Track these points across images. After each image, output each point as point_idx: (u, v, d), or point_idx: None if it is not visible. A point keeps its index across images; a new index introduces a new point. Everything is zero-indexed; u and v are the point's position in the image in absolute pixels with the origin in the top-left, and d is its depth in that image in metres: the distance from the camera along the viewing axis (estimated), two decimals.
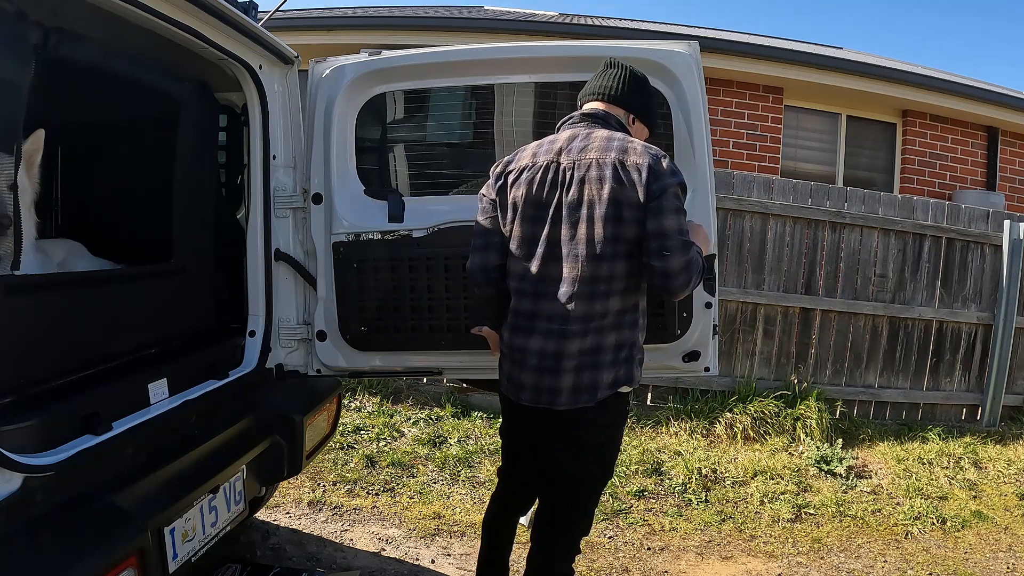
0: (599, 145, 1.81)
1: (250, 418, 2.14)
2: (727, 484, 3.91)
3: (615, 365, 1.82)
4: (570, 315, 1.78)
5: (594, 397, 1.80)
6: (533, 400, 1.85)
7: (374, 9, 8.29)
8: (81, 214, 2.45)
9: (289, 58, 2.30)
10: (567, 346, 1.79)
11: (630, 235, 1.76)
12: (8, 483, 1.32)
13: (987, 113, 7.07)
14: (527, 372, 1.84)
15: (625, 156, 1.77)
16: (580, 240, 1.78)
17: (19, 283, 1.55)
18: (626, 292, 1.81)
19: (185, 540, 1.71)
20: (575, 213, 1.79)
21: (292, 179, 2.36)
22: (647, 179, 1.73)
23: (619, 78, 1.94)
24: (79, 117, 2.26)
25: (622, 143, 1.80)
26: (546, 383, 1.82)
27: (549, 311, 1.82)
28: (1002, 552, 3.42)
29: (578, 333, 1.79)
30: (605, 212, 1.75)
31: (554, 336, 1.80)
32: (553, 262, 1.82)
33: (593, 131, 1.85)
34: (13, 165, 1.50)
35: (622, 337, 1.83)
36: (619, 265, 1.78)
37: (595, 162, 1.78)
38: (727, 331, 4.83)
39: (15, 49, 1.45)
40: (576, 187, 1.80)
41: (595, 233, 1.76)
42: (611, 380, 1.82)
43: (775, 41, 8.09)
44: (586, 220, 1.77)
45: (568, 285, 1.79)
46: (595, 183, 1.77)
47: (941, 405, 5.23)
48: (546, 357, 1.81)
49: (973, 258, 5.17)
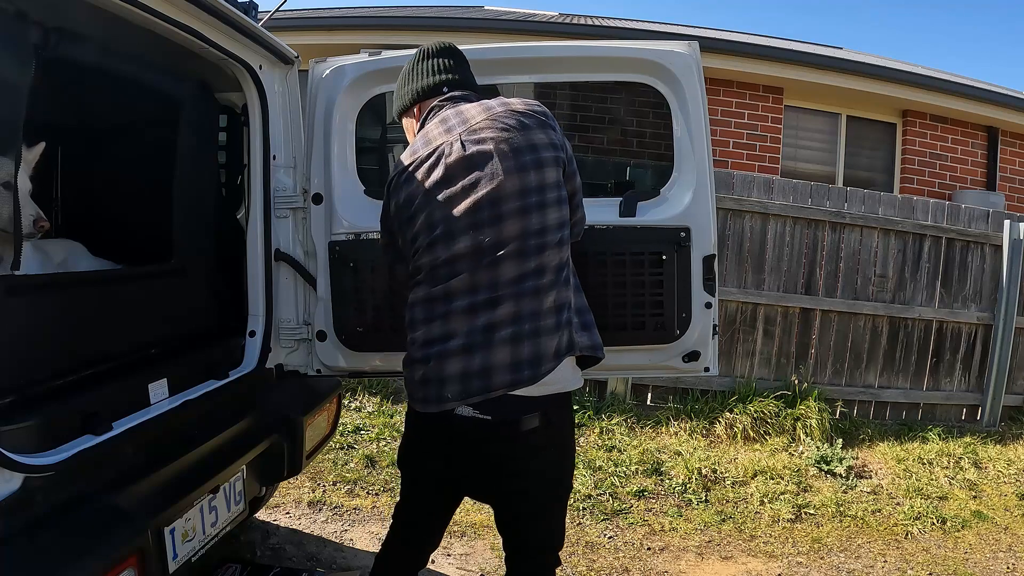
0: (479, 111, 1.65)
1: (250, 418, 2.14)
2: (727, 484, 3.91)
3: (558, 330, 1.59)
4: (499, 281, 1.57)
5: (537, 374, 1.55)
6: (460, 394, 1.56)
7: (374, 9, 8.30)
8: (81, 214, 2.45)
9: (289, 58, 2.30)
10: (498, 314, 1.56)
11: (553, 179, 1.61)
12: (8, 483, 1.32)
13: (987, 113, 7.07)
14: (450, 361, 1.57)
15: (516, 107, 1.65)
16: (504, 196, 1.58)
17: (19, 283, 1.55)
18: (560, 244, 1.62)
19: (185, 540, 1.71)
20: (491, 170, 1.59)
21: (292, 179, 2.36)
22: (554, 123, 1.66)
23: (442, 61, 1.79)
24: (79, 117, 2.27)
25: (502, 103, 1.68)
26: (475, 364, 1.55)
27: (471, 283, 1.60)
28: (1002, 552, 3.42)
29: (511, 296, 1.56)
30: (519, 161, 1.58)
31: (481, 306, 1.57)
32: (484, 228, 1.60)
33: (459, 105, 1.70)
34: (13, 166, 1.50)
35: (560, 296, 1.61)
36: (550, 214, 1.60)
37: (486, 122, 1.62)
38: (727, 331, 4.83)
39: (15, 49, 1.45)
40: (479, 147, 1.60)
41: (519, 186, 1.58)
42: (557, 348, 1.58)
43: (775, 41, 8.09)
44: (505, 175, 1.58)
45: None
46: (490, 138, 1.60)
47: (941, 405, 5.23)
48: (473, 334, 1.56)
49: (973, 258, 5.17)
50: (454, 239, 1.59)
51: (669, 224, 2.21)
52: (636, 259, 2.19)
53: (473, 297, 1.57)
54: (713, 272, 2.24)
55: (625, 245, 2.20)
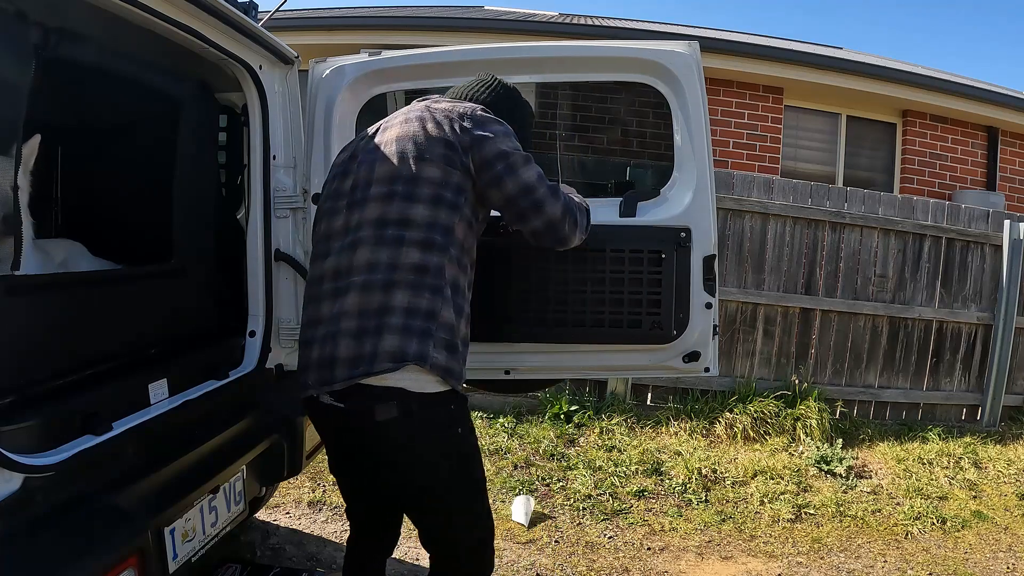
0: (408, 109, 1.70)
1: (250, 418, 2.14)
2: (727, 484, 3.91)
3: (406, 334, 1.48)
4: (353, 266, 1.53)
5: (372, 369, 1.46)
6: (316, 382, 1.54)
7: (374, 9, 8.29)
8: (81, 214, 2.45)
9: (289, 58, 2.30)
10: (347, 303, 1.52)
11: (434, 175, 1.55)
12: (8, 483, 1.32)
13: (987, 113, 7.07)
14: (313, 347, 1.56)
15: (433, 106, 1.65)
16: (375, 180, 1.59)
17: (19, 283, 1.55)
18: (426, 247, 1.52)
19: (185, 540, 1.71)
20: (372, 155, 1.61)
21: (292, 179, 2.36)
22: (465, 123, 1.59)
23: (474, 85, 1.86)
24: (79, 117, 2.26)
25: (430, 103, 1.68)
26: (324, 354, 1.52)
27: (335, 266, 1.58)
28: (1002, 552, 3.42)
29: (358, 286, 1.51)
30: (401, 149, 1.57)
31: (339, 294, 1.54)
32: (354, 208, 1.61)
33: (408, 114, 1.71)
34: (13, 166, 1.50)
35: (419, 300, 1.50)
36: (416, 209, 1.53)
37: (401, 117, 1.66)
38: (727, 331, 4.83)
39: (15, 50, 1.45)
40: (376, 138, 1.65)
41: (391, 171, 1.57)
42: (395, 349, 1.46)
43: (775, 41, 8.09)
44: (383, 160, 1.59)
45: (352, 233, 1.58)
46: (394, 129, 1.62)
47: (941, 405, 5.23)
48: (329, 322, 1.53)
49: (973, 258, 5.17)
50: (333, 216, 1.63)
51: (669, 224, 2.21)
52: (635, 259, 2.19)
53: (335, 282, 1.56)
54: (713, 272, 2.24)
55: (625, 245, 2.20)
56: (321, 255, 1.63)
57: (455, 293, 1.56)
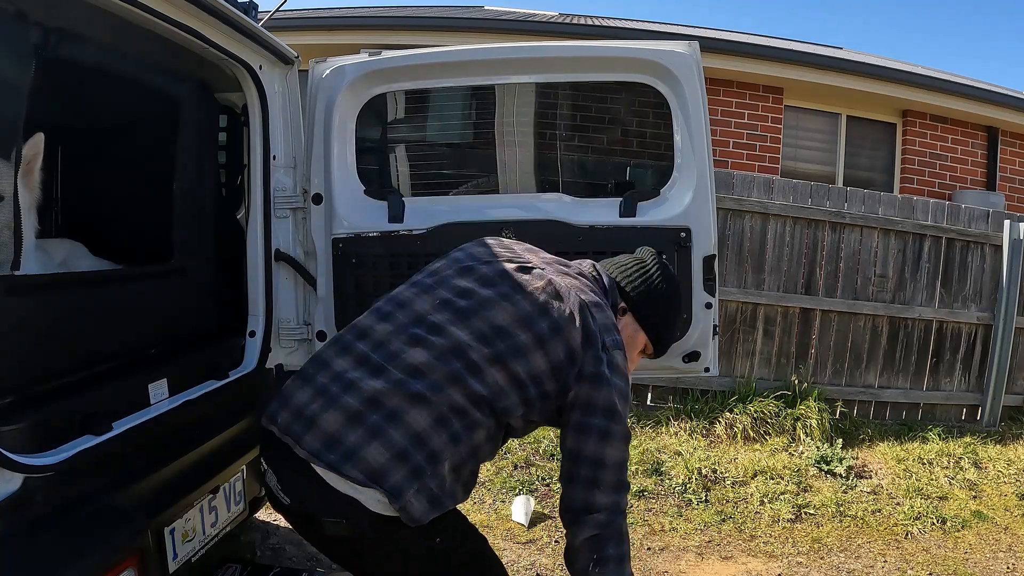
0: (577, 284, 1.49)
1: (250, 418, 2.14)
2: (727, 484, 3.91)
3: (398, 459, 1.27)
4: (402, 354, 1.36)
5: (338, 466, 1.26)
6: (285, 427, 1.35)
7: (374, 9, 8.29)
8: (82, 214, 2.45)
9: (289, 58, 2.30)
10: (367, 383, 1.33)
11: (537, 369, 1.37)
12: (8, 483, 1.32)
13: (987, 113, 7.07)
14: (305, 389, 1.39)
15: (594, 308, 1.44)
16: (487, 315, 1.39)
17: (19, 283, 1.55)
18: (477, 402, 1.34)
19: (185, 540, 1.71)
20: (511, 292, 1.43)
21: (292, 179, 2.36)
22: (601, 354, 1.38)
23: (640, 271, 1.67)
24: (79, 117, 2.26)
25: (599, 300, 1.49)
26: (310, 410, 1.33)
27: (383, 339, 1.40)
28: (1002, 552, 3.42)
29: (391, 380, 1.33)
30: (530, 320, 1.38)
31: (367, 365, 1.36)
32: (448, 311, 1.42)
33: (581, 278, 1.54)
34: (13, 166, 1.50)
35: (434, 436, 1.30)
36: (495, 372, 1.36)
37: (562, 279, 1.46)
38: (727, 331, 4.83)
39: (15, 50, 1.45)
40: (534, 278, 1.46)
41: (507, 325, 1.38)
42: (376, 466, 1.26)
43: (775, 41, 8.09)
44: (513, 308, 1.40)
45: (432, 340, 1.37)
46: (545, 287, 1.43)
47: (941, 405, 5.23)
48: (337, 380, 1.36)
49: (973, 258, 5.17)
50: (422, 296, 1.45)
51: (669, 224, 2.21)
52: None
53: (372, 350, 1.38)
54: (713, 272, 2.24)
55: (625, 245, 2.20)
56: (381, 314, 1.46)
57: (471, 456, 1.37)
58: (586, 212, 2.26)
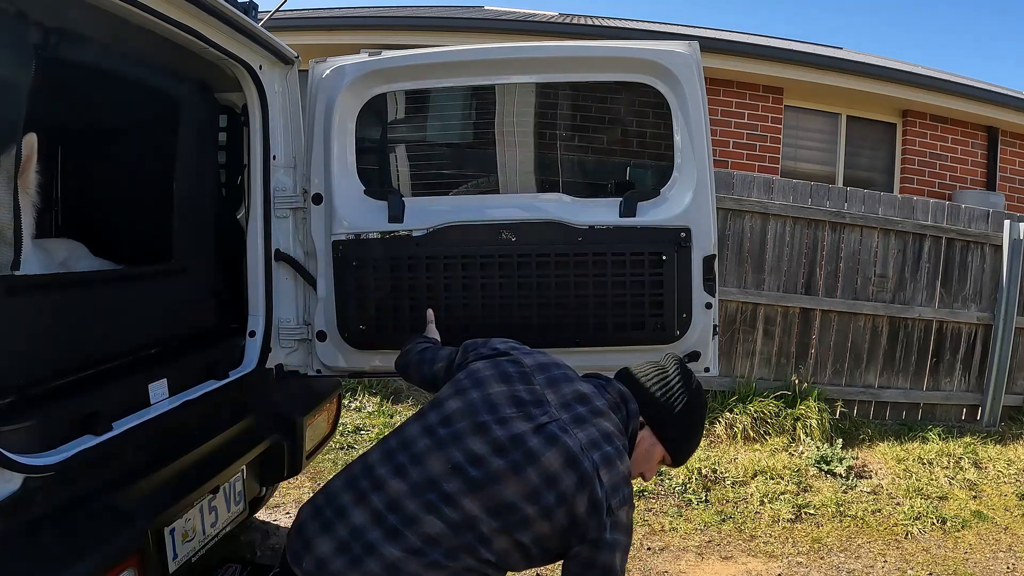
0: (594, 434, 1.48)
1: (250, 418, 2.14)
2: (727, 484, 3.91)
3: None
4: (417, 520, 1.39)
5: None
6: (310, 573, 1.40)
7: (374, 9, 8.30)
8: (82, 214, 2.45)
9: (289, 58, 2.30)
10: (387, 548, 1.37)
11: (540, 532, 1.41)
12: (8, 483, 1.32)
13: (987, 113, 7.07)
14: (326, 538, 1.42)
15: (603, 471, 1.43)
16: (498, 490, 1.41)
17: (19, 283, 1.55)
18: (486, 566, 1.40)
19: (185, 540, 1.71)
20: (522, 463, 1.42)
21: (292, 179, 2.36)
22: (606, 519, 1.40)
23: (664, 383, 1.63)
24: (79, 117, 2.26)
25: (612, 452, 1.47)
26: (335, 566, 1.38)
27: (398, 497, 1.42)
28: (1002, 552, 3.42)
29: (408, 547, 1.37)
30: (537, 494, 1.40)
31: (383, 527, 1.40)
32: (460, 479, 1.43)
33: (604, 415, 1.54)
34: (13, 166, 1.50)
35: None
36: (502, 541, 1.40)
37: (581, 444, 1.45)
38: (727, 331, 4.83)
39: (15, 49, 1.45)
40: (545, 441, 1.44)
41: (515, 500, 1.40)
42: None
43: (775, 41, 8.09)
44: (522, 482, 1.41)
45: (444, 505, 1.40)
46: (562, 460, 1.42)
47: (941, 405, 5.23)
48: (358, 539, 1.39)
49: (973, 258, 5.17)
50: (434, 452, 1.46)
51: (669, 224, 2.21)
52: (636, 259, 2.19)
53: (389, 510, 1.42)
54: (713, 272, 2.24)
55: (625, 245, 2.20)
56: (397, 468, 1.46)
57: None
58: (586, 212, 2.25)
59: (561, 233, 2.21)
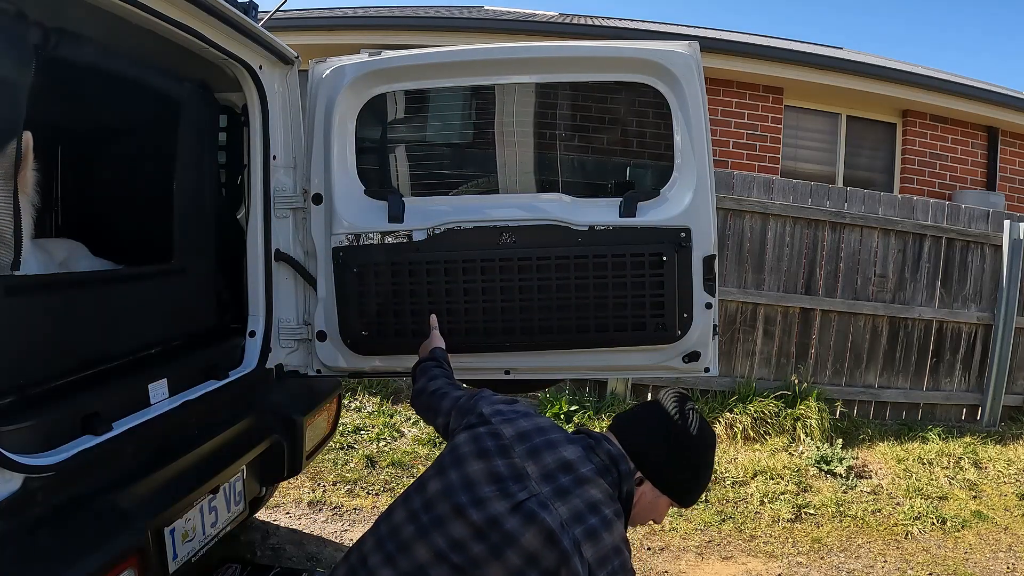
0: (578, 507, 1.42)
1: (250, 418, 2.14)
2: (727, 484, 3.91)
3: None
4: None
5: None
6: None
7: (374, 9, 8.30)
8: (82, 214, 2.45)
9: (289, 58, 2.30)
10: None
11: None
12: (8, 483, 1.32)
13: (987, 113, 7.07)
14: None
15: (583, 546, 1.36)
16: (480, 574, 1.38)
17: (19, 283, 1.55)
18: None
19: (185, 540, 1.71)
20: (501, 546, 1.38)
21: (292, 179, 2.36)
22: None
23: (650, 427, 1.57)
24: (79, 117, 2.26)
25: (597, 523, 1.40)
26: None
27: None
28: (1002, 552, 3.42)
29: None
30: None
31: None
32: (445, 566, 1.40)
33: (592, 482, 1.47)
34: (12, 166, 1.50)
35: None
36: None
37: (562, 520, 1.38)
38: (727, 331, 4.83)
39: (15, 49, 1.45)
40: (523, 520, 1.39)
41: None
42: None
43: (775, 41, 8.09)
44: (503, 566, 1.37)
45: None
46: (541, 538, 1.37)
47: (941, 405, 5.23)
48: None
49: (973, 258, 5.17)
50: (421, 542, 1.43)
51: (669, 224, 2.21)
52: (636, 260, 2.19)
53: None
54: (713, 272, 2.24)
55: (625, 246, 2.20)
56: (385, 553, 1.45)
57: None
58: (586, 212, 2.25)
59: (561, 235, 2.21)
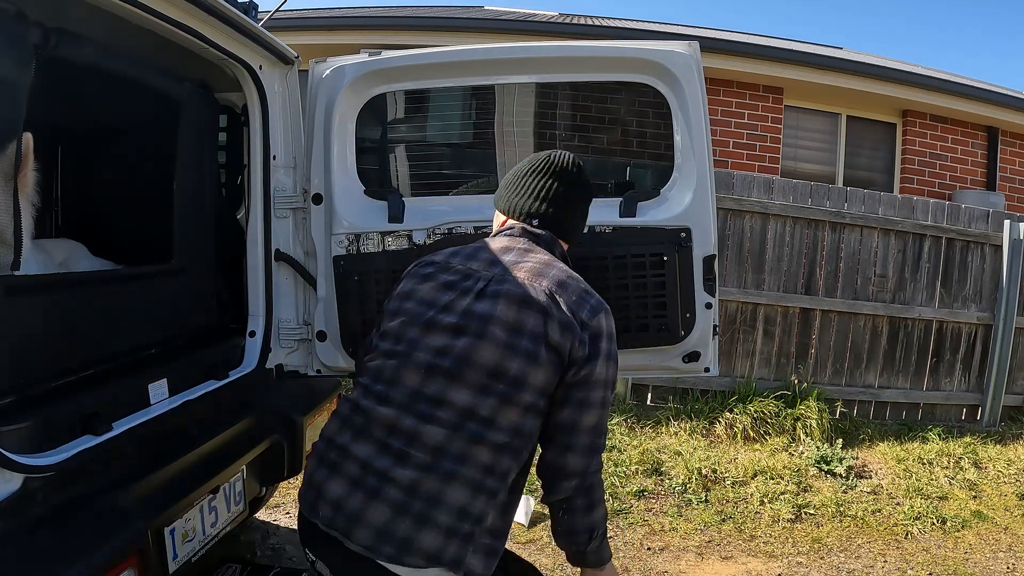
0: (532, 267, 1.48)
1: (250, 418, 2.14)
2: (727, 484, 3.91)
3: (449, 535, 1.32)
4: (418, 435, 1.36)
5: (398, 558, 1.30)
6: (328, 521, 1.37)
7: (374, 9, 8.30)
8: (82, 214, 2.45)
9: (289, 58, 2.31)
10: (399, 472, 1.34)
11: (539, 382, 1.39)
12: (8, 483, 1.32)
13: (987, 113, 7.08)
14: (337, 479, 1.39)
15: (557, 290, 1.43)
16: (475, 363, 1.39)
17: (19, 283, 1.55)
18: (501, 450, 1.37)
19: (185, 540, 1.71)
20: (482, 327, 1.41)
21: (292, 179, 2.36)
22: (584, 336, 1.41)
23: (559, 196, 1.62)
24: (79, 117, 2.26)
25: (558, 272, 1.48)
26: (352, 504, 1.35)
27: (393, 422, 1.39)
28: (1002, 552, 3.42)
29: (420, 465, 1.34)
30: (513, 341, 1.39)
31: (390, 452, 1.37)
32: (438, 376, 1.40)
33: (524, 247, 1.55)
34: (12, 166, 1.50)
35: (474, 503, 1.34)
36: (508, 413, 1.37)
37: (526, 275, 1.46)
38: (727, 331, 4.83)
39: (15, 49, 1.45)
40: (491, 300, 1.43)
41: (497, 363, 1.38)
42: (432, 550, 1.30)
43: (775, 41, 8.09)
44: (491, 342, 1.39)
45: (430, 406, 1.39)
46: (515, 305, 1.41)
47: (941, 405, 5.24)
48: (369, 471, 1.36)
49: (973, 258, 5.17)
50: (407, 361, 1.43)
51: (669, 224, 2.21)
52: (637, 260, 2.19)
53: (388, 436, 1.38)
54: (713, 272, 2.24)
55: (626, 246, 2.20)
56: (378, 396, 1.43)
57: (511, 493, 1.43)
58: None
59: None
